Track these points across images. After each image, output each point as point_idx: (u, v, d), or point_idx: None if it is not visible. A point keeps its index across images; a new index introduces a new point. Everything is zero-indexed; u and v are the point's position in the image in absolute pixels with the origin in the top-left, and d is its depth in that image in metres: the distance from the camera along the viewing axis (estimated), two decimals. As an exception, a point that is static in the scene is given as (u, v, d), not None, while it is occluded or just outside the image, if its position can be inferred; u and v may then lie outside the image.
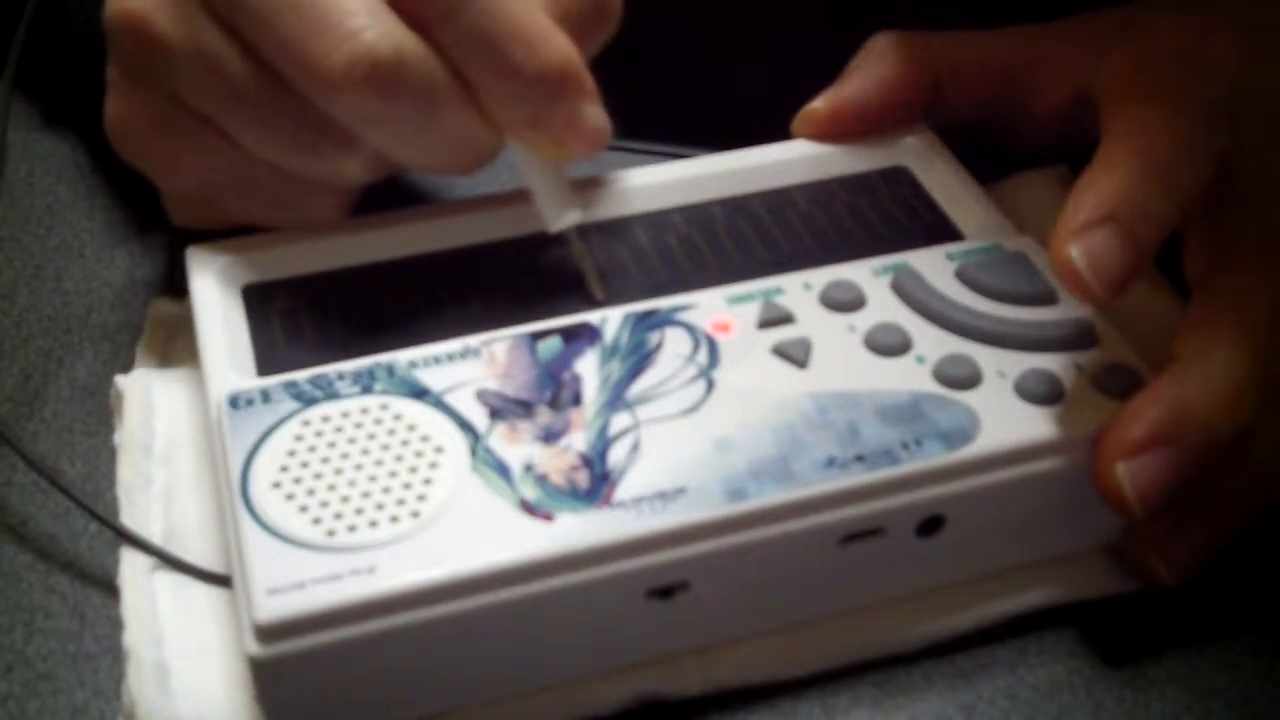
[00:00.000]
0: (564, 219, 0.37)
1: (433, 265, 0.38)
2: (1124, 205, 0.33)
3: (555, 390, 0.34)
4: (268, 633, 0.29)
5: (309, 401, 0.33)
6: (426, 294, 0.38)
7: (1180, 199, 0.35)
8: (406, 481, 0.32)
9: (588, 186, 0.40)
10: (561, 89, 0.34)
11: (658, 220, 0.40)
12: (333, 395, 0.34)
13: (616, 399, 0.34)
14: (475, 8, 0.33)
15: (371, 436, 0.33)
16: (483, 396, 0.34)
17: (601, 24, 0.36)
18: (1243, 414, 0.33)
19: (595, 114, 0.35)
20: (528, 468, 0.32)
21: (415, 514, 0.31)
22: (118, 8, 0.35)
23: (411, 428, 0.33)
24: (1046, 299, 0.37)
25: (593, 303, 0.37)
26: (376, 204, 0.40)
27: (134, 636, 0.33)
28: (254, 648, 0.29)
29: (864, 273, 0.37)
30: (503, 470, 0.32)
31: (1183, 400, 0.33)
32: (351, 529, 0.31)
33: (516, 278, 0.38)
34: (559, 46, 0.34)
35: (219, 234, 0.38)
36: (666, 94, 0.49)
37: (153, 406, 0.37)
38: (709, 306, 0.36)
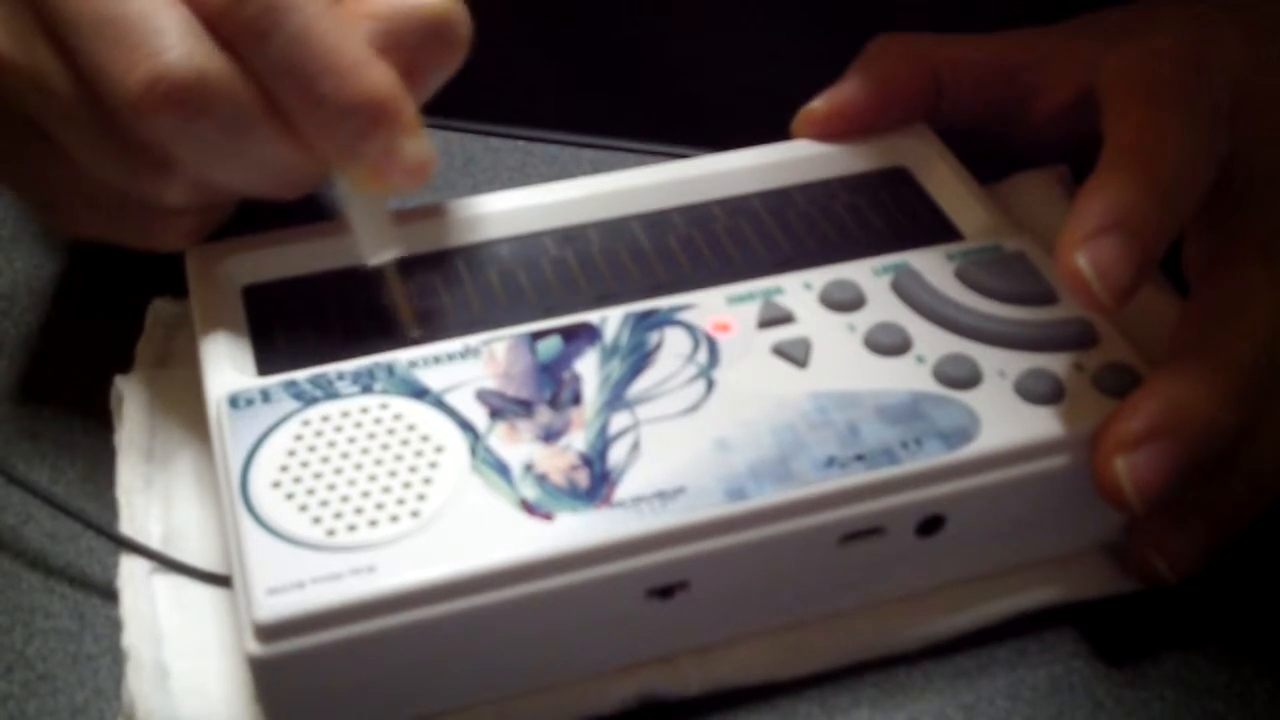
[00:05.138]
0: (380, 254, 0.36)
1: (432, 265, 0.38)
2: (1130, 214, 0.33)
3: (555, 390, 0.34)
4: (267, 632, 0.29)
5: (309, 401, 0.33)
6: (426, 293, 0.37)
7: (1185, 205, 0.35)
8: (406, 481, 0.32)
9: (585, 187, 0.40)
10: (375, 122, 0.33)
11: (658, 220, 0.40)
12: (333, 395, 0.34)
13: (616, 398, 0.34)
14: (285, 34, 0.32)
15: (371, 436, 0.33)
16: (483, 396, 0.34)
17: (444, 52, 0.35)
18: (1241, 409, 0.33)
19: (414, 147, 0.34)
20: (528, 467, 0.32)
21: (415, 514, 0.31)
22: None
23: (411, 427, 0.33)
24: (1046, 299, 0.37)
25: (408, 339, 0.36)
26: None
27: (134, 637, 0.33)
28: (254, 647, 0.29)
29: (864, 272, 0.37)
30: (503, 470, 0.32)
31: (1181, 395, 0.33)
32: (351, 528, 0.31)
33: (516, 277, 0.38)
34: (373, 77, 0.33)
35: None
36: (666, 94, 0.49)
37: (153, 407, 0.37)
38: (709, 306, 0.36)
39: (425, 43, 0.34)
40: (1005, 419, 0.34)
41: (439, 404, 0.33)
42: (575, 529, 0.31)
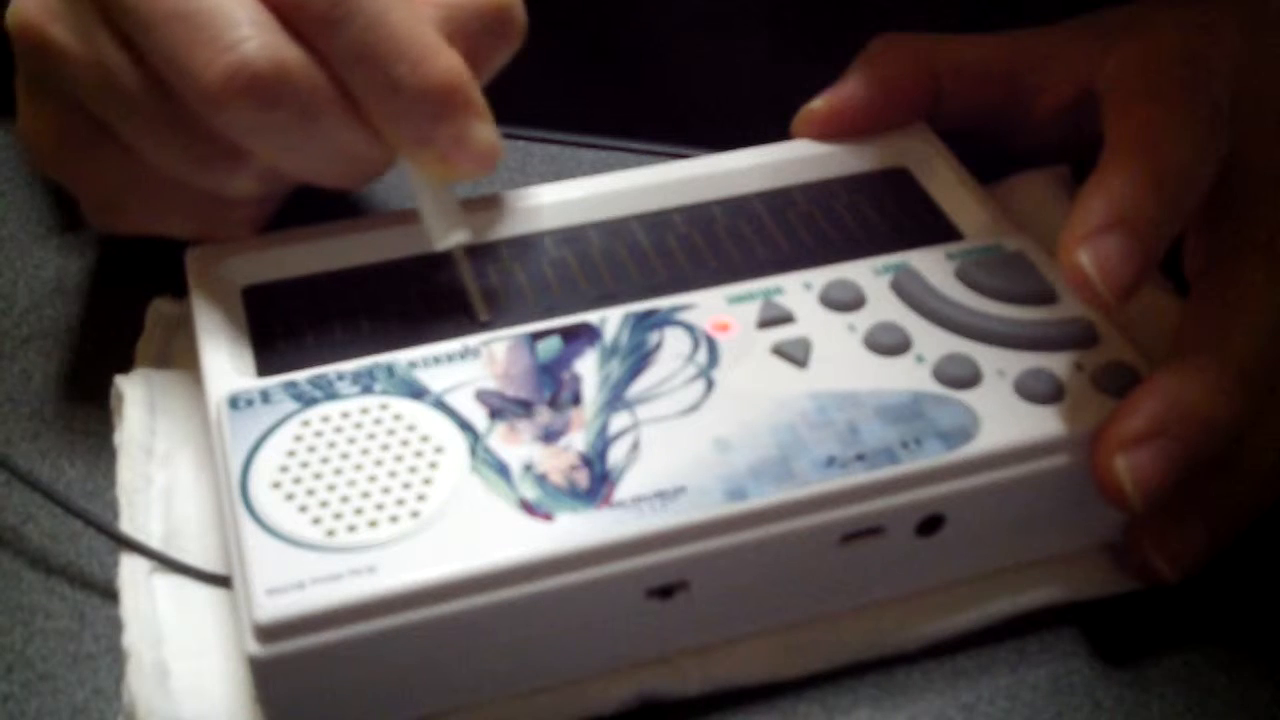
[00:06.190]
0: (450, 238, 0.36)
1: (432, 265, 0.38)
2: (1132, 211, 0.33)
3: (555, 390, 0.34)
4: (267, 633, 0.29)
5: (309, 402, 0.33)
6: (426, 294, 0.37)
7: (1186, 203, 0.35)
8: (406, 481, 0.32)
9: (585, 187, 0.40)
10: (447, 107, 0.34)
11: (658, 220, 0.40)
12: (332, 395, 0.34)
13: (616, 398, 0.34)
14: (359, 22, 0.33)
15: (371, 437, 0.33)
16: (482, 396, 0.34)
17: (503, 39, 0.36)
18: (1241, 408, 0.33)
19: (484, 132, 0.35)
20: (527, 467, 0.32)
21: (415, 514, 0.31)
22: (15, 17, 0.34)
23: (411, 428, 0.33)
24: (1046, 298, 0.37)
25: (478, 324, 0.36)
26: (376, 204, 0.40)
27: (134, 637, 0.33)
28: (254, 648, 0.29)
29: (864, 272, 0.37)
30: (502, 470, 0.32)
31: (1181, 393, 0.33)
32: (351, 529, 0.31)
33: (515, 277, 0.38)
34: (445, 63, 0.33)
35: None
36: (666, 94, 0.49)
37: (153, 407, 0.37)
38: (709, 306, 0.36)
39: (486, 30, 0.35)
40: (1005, 419, 0.34)
41: (439, 404, 0.33)
42: (575, 529, 0.31)
